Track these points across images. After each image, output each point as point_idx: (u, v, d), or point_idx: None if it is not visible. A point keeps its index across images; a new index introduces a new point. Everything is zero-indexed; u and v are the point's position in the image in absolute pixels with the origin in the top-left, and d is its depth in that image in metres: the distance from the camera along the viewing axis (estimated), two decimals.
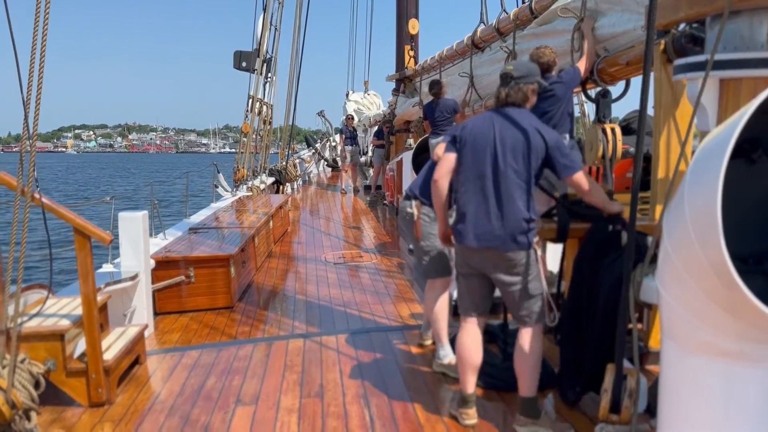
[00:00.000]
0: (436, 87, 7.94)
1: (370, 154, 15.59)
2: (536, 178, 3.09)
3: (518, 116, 3.11)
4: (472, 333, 3.22)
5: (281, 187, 14.60)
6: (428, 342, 4.34)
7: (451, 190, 3.26)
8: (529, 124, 3.09)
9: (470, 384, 3.20)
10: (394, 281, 6.41)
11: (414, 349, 4.31)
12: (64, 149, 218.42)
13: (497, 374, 3.66)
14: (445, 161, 3.15)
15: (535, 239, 3.08)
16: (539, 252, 3.12)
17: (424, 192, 3.85)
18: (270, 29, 13.70)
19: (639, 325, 3.73)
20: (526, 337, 3.11)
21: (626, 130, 7.11)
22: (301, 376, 3.86)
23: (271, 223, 8.33)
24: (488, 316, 3.40)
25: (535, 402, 3.14)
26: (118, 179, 56.33)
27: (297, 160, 18.07)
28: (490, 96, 7.14)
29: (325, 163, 22.50)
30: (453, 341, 3.99)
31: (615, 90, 4.60)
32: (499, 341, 4.23)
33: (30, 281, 3.83)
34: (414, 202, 3.90)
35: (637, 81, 4.42)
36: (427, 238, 3.89)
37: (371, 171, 15.17)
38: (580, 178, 3.09)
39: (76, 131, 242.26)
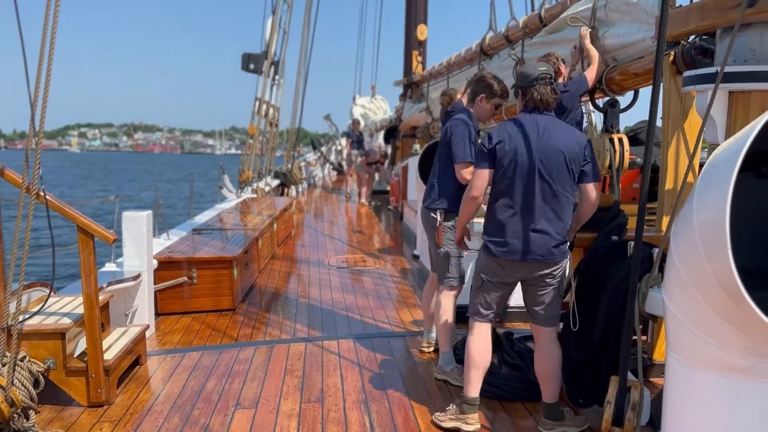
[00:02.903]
0: (446, 96, 7.90)
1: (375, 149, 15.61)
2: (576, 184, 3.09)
3: (553, 122, 3.09)
4: (485, 335, 3.23)
5: (286, 190, 14.62)
6: (429, 349, 4.32)
7: None
8: (568, 129, 3.10)
9: (477, 387, 3.18)
10: (396, 286, 6.39)
11: (416, 356, 4.29)
12: (68, 147, 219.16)
13: (499, 383, 3.63)
14: (482, 178, 3.08)
15: None
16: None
17: (450, 201, 3.87)
18: (278, 32, 13.74)
19: (643, 337, 3.70)
20: (550, 338, 3.18)
21: (633, 140, 7.09)
22: (301, 380, 3.84)
23: (275, 225, 8.32)
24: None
25: (558, 405, 3.18)
26: (105, 179, 56.18)
27: (302, 163, 18.09)
28: None
29: (331, 166, 22.52)
30: (455, 348, 3.97)
31: (623, 100, 4.58)
32: (499, 350, 4.20)
33: (32, 279, 3.83)
34: (439, 210, 3.90)
35: (645, 91, 4.40)
36: (447, 245, 3.89)
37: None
38: (594, 189, 3.14)
39: (82, 129, 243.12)
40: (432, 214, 3.93)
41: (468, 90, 4.23)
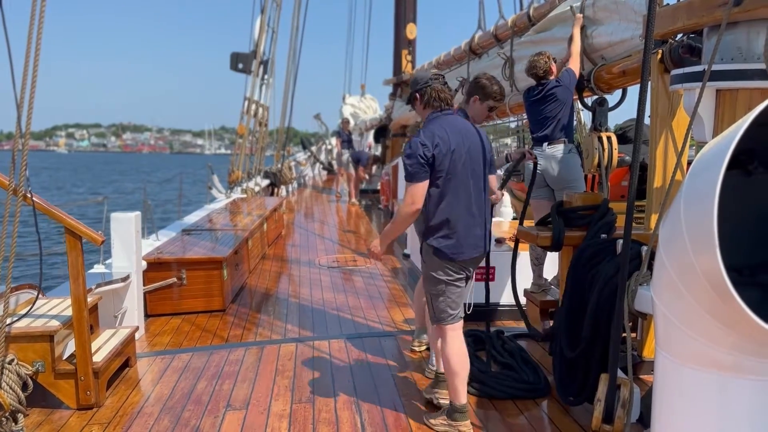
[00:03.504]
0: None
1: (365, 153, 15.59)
2: None
3: (463, 120, 3.24)
4: (460, 337, 3.19)
5: (276, 190, 14.57)
6: (420, 348, 4.32)
7: None
8: (474, 128, 3.25)
9: (464, 394, 3.13)
10: (387, 286, 6.39)
11: (407, 355, 4.29)
12: (55, 148, 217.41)
13: (489, 382, 3.64)
14: (423, 189, 3.03)
15: None
16: None
17: None
18: (267, 31, 13.70)
19: (633, 335, 3.72)
20: None
21: (622, 138, 7.14)
22: (292, 380, 3.83)
23: (265, 225, 8.30)
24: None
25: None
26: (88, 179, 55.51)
27: (292, 163, 18.05)
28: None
29: (321, 166, 22.49)
30: None
31: (612, 98, 4.61)
32: (490, 349, 4.21)
33: (20, 281, 3.80)
34: None
35: (633, 90, 4.43)
36: None
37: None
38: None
39: (70, 130, 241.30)
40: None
41: (462, 90, 4.25)
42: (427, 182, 3.03)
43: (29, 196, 3.14)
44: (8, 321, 3.08)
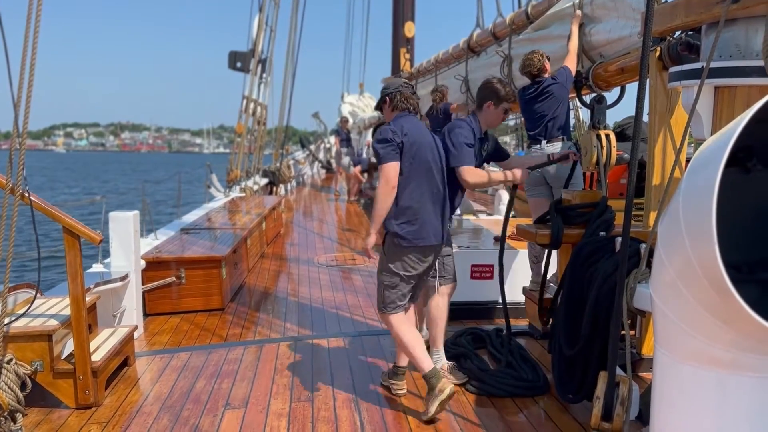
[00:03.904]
0: (441, 90, 7.90)
1: (364, 156, 15.56)
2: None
3: (424, 126, 3.53)
4: (408, 319, 3.52)
5: (275, 189, 14.55)
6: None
7: None
8: (430, 134, 3.55)
9: (404, 359, 3.53)
10: None
11: None
12: (54, 147, 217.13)
13: (489, 380, 3.64)
14: (395, 169, 3.29)
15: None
16: None
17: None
18: (265, 30, 13.68)
19: (632, 332, 3.72)
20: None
21: (621, 136, 7.14)
22: (291, 379, 3.83)
23: (263, 224, 8.29)
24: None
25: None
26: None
27: (291, 162, 18.03)
28: None
29: (320, 164, 22.46)
30: (445, 345, 3.97)
31: (610, 96, 4.61)
32: (489, 347, 4.21)
33: (18, 281, 3.79)
34: None
35: (632, 87, 4.43)
36: None
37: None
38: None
39: (68, 129, 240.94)
40: None
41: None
42: (398, 163, 3.29)
43: (27, 195, 3.14)
44: (6, 320, 3.08)
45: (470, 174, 3.71)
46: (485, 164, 4.02)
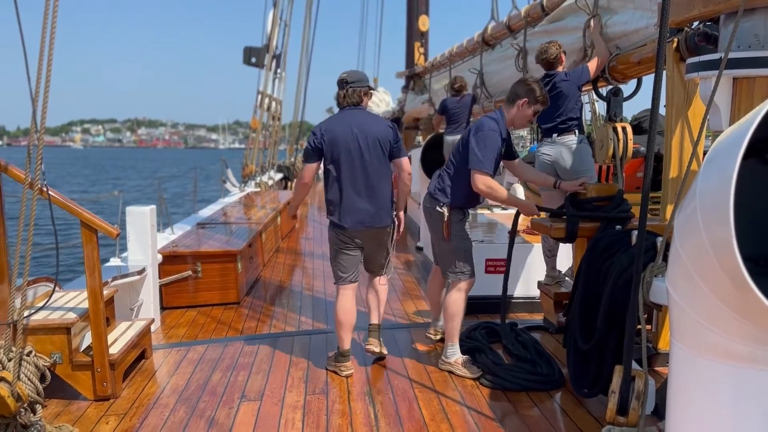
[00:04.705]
0: (459, 82, 7.87)
1: None
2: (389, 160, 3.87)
3: (365, 114, 3.85)
4: (349, 297, 3.93)
5: (289, 183, 14.61)
6: (436, 336, 4.32)
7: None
8: (378, 119, 3.92)
9: (348, 341, 3.86)
10: (401, 279, 6.39)
11: (420, 347, 4.29)
12: (71, 143, 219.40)
13: (503, 374, 3.64)
14: (310, 170, 3.91)
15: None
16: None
17: (456, 196, 3.84)
18: (280, 25, 13.71)
19: (648, 327, 3.69)
20: (382, 280, 4.08)
21: (637, 129, 7.07)
22: (306, 372, 3.85)
23: (278, 218, 8.33)
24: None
25: (380, 326, 4.06)
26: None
27: None
28: (500, 93, 7.10)
29: None
30: (460, 339, 3.97)
31: (626, 88, 4.56)
32: (504, 341, 4.20)
33: (37, 274, 3.84)
34: (446, 205, 3.84)
35: (648, 79, 4.39)
36: (455, 239, 3.85)
37: None
38: (407, 163, 3.94)
39: (85, 125, 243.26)
40: (438, 208, 3.87)
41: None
42: (314, 164, 3.87)
43: (45, 190, 3.17)
44: (26, 313, 3.12)
45: (483, 182, 3.63)
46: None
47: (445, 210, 3.81)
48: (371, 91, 3.92)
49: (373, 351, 3.96)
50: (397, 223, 4.02)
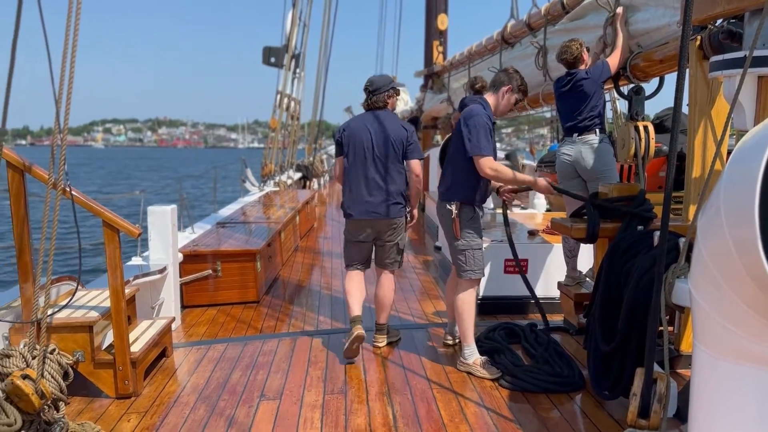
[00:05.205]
0: (480, 82, 7.82)
1: None
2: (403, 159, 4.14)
3: (386, 115, 4.17)
4: (355, 278, 4.31)
5: (308, 183, 14.66)
6: (452, 342, 4.31)
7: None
8: (396, 121, 4.19)
9: (355, 309, 4.15)
10: (419, 278, 6.38)
11: (439, 348, 4.28)
12: (93, 143, 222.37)
13: (522, 375, 3.61)
14: (339, 164, 4.25)
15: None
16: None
17: (465, 193, 3.84)
18: (299, 25, 13.76)
19: (670, 328, 3.65)
20: (387, 276, 4.30)
21: (659, 127, 6.98)
22: (324, 371, 3.86)
23: (297, 218, 8.36)
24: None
25: (387, 324, 4.37)
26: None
27: (324, 156, 18.13)
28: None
29: None
30: (477, 340, 3.95)
31: (648, 87, 4.50)
32: (523, 342, 4.18)
33: (59, 273, 3.89)
34: (454, 202, 3.84)
35: (671, 78, 4.33)
36: (464, 237, 3.85)
37: None
38: (418, 165, 4.19)
39: (107, 125, 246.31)
40: (447, 206, 3.87)
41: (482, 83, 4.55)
42: (341, 157, 4.21)
43: (68, 190, 3.22)
44: (49, 312, 3.17)
45: (488, 166, 3.67)
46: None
47: (453, 208, 3.82)
48: (398, 90, 4.25)
49: (378, 345, 4.27)
50: (409, 218, 4.26)
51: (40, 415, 2.84)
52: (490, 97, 3.92)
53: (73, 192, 3.25)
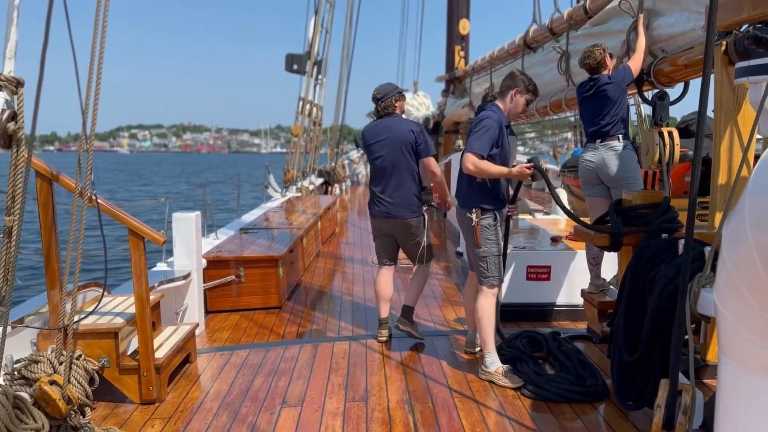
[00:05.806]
0: (491, 94, 7.79)
1: None
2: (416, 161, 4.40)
3: (395, 120, 4.44)
4: (385, 275, 4.63)
5: (330, 188, 14.72)
6: (474, 349, 4.28)
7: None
8: (405, 123, 4.46)
9: (383, 311, 4.59)
10: (440, 284, 6.37)
11: (460, 355, 4.26)
12: (119, 148, 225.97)
13: (545, 384, 3.58)
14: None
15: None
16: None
17: (484, 198, 3.86)
18: (321, 31, 13.83)
19: (695, 338, 3.59)
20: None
21: (685, 132, 6.88)
22: (346, 379, 3.87)
23: (319, 223, 8.39)
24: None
25: (413, 309, 4.65)
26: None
27: (346, 161, 18.18)
28: (542, 97, 7.00)
29: None
30: (499, 348, 3.93)
31: (673, 92, 4.45)
32: (546, 350, 4.14)
33: (86, 280, 3.96)
34: (474, 210, 3.85)
35: (696, 83, 4.27)
36: (485, 244, 3.85)
37: None
38: (431, 162, 4.44)
39: (132, 131, 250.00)
40: (468, 214, 3.88)
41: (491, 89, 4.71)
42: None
43: (94, 198, 3.27)
44: (76, 318, 3.22)
45: (470, 162, 3.74)
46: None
47: (474, 216, 3.83)
48: (403, 95, 4.57)
49: (381, 341, 4.56)
50: (435, 203, 4.86)
51: (67, 420, 2.88)
52: (500, 103, 3.97)
53: (98, 200, 3.31)
